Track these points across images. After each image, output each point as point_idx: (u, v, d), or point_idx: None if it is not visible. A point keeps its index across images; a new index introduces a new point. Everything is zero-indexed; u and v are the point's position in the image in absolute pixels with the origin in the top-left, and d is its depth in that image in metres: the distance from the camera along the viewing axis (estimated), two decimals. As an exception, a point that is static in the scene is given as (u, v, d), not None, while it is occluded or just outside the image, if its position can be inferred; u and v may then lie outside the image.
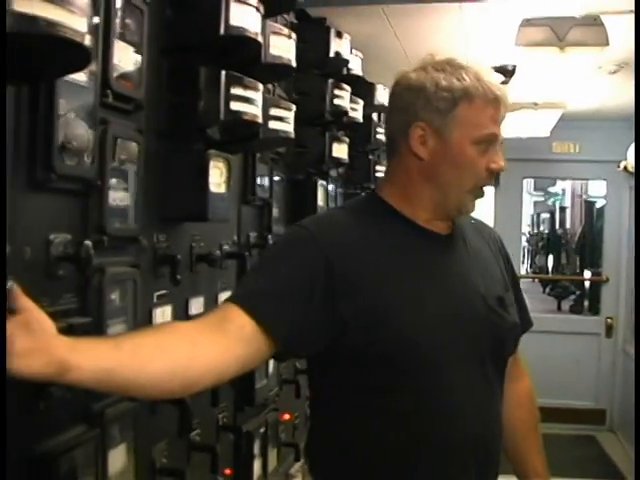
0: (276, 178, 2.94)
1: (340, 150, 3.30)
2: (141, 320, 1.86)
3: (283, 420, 3.15)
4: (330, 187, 3.57)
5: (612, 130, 6.82)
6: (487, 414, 1.76)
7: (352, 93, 3.32)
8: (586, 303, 9.63)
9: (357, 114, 3.48)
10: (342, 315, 1.61)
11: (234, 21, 1.91)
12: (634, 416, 2.12)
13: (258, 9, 2.00)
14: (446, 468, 1.71)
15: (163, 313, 2.03)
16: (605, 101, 5.99)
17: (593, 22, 3.17)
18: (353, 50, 3.40)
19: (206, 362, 1.48)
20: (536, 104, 5.29)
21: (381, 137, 4.30)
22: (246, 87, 1.99)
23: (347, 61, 3.26)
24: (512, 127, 5.35)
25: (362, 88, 3.79)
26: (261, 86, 2.07)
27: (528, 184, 13.37)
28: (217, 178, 2.05)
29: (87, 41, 1.15)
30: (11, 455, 1.39)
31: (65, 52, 1.15)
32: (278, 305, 1.58)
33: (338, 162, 3.33)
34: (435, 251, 1.76)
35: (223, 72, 1.93)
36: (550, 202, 20.13)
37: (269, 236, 2.81)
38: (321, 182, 3.31)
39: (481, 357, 1.73)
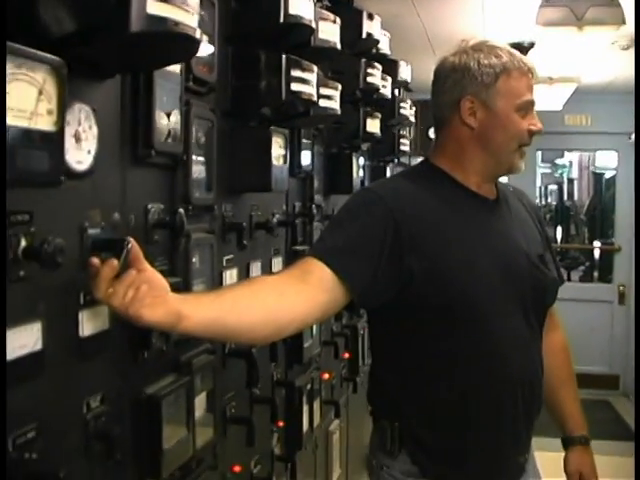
0: (316, 152, 3.14)
1: (373, 125, 3.50)
2: (216, 281, 2.07)
3: (323, 379, 3.36)
4: (361, 160, 3.78)
5: (623, 103, 6.95)
6: (532, 356, 1.99)
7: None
8: (595, 274, 9.77)
9: (386, 91, 3.66)
10: (409, 269, 1.82)
11: (292, 10, 2.10)
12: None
13: (313, -3, 2.20)
14: (499, 403, 1.93)
15: (231, 275, 2.23)
16: (617, 75, 6.14)
17: (610, 2, 3.34)
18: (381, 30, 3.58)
19: (293, 310, 1.70)
20: (551, 78, 5.45)
21: (404, 112, 4.49)
22: (304, 69, 2.19)
23: (378, 41, 3.44)
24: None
25: (387, 65, 3.97)
26: (316, 68, 2.27)
27: (537, 156, 13.50)
28: (277, 152, 2.26)
29: (198, 34, 1.35)
30: (126, 396, 1.61)
31: (181, 44, 1.35)
32: (354, 260, 1.80)
33: (371, 136, 3.52)
34: (484, 213, 1.98)
35: (284, 56, 2.13)
36: (557, 174, 20.18)
37: (312, 205, 3.03)
38: (354, 155, 3.53)
39: (525, 308, 1.96)
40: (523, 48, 5.00)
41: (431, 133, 7.43)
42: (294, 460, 2.80)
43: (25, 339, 1.24)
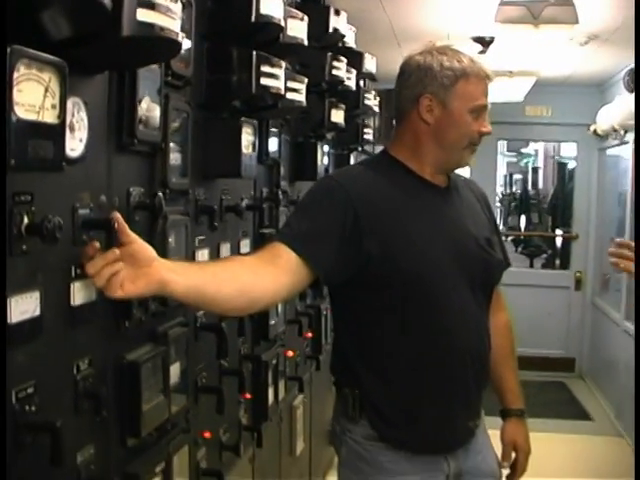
0: (283, 140, 3.32)
1: (337, 115, 3.68)
2: (188, 260, 2.24)
3: (287, 356, 3.55)
4: (326, 148, 3.97)
5: (582, 95, 7.21)
6: (479, 329, 2.20)
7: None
8: (557, 262, 10.02)
9: (351, 82, 3.85)
10: (367, 250, 2.02)
11: (263, 9, 2.28)
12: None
13: (281, -3, 2.37)
14: (450, 372, 2.14)
15: (202, 255, 2.41)
16: (576, 69, 6.36)
17: (565, 2, 3.55)
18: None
19: (264, 286, 1.90)
20: (511, 72, 5.66)
21: (369, 103, 4.68)
22: (273, 65, 2.36)
23: (344, 35, 3.62)
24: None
25: (352, 58, 4.15)
26: (284, 63, 2.45)
27: (502, 145, 13.71)
28: (247, 141, 2.43)
29: (180, 38, 1.53)
30: (110, 361, 1.79)
31: (165, 47, 1.52)
32: (317, 243, 2.00)
33: (335, 126, 3.70)
34: (437, 200, 2.18)
35: (254, 53, 2.30)
36: (523, 163, 20.39)
37: (279, 191, 3.21)
38: (320, 144, 3.72)
39: (473, 286, 2.16)
40: (484, 42, 5.22)
41: (394, 122, 7.65)
42: (260, 430, 2.98)
43: (26, 306, 1.41)
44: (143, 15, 1.40)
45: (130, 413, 1.85)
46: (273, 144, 3.11)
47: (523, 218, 15.90)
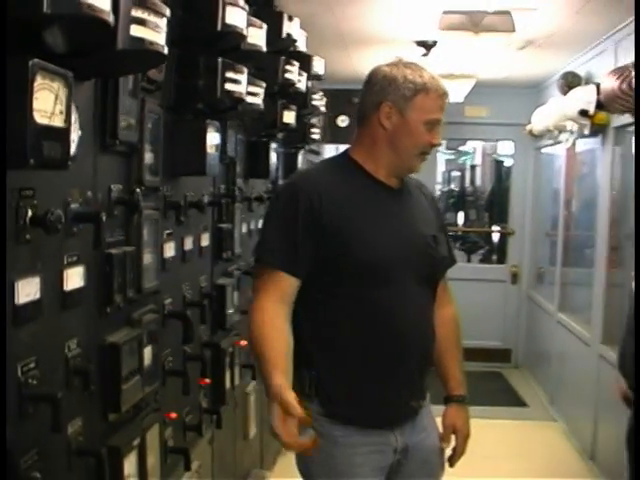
0: (238, 140, 3.51)
1: (289, 116, 3.88)
2: (158, 252, 2.42)
3: (240, 345, 3.72)
4: (276, 147, 4.16)
5: (519, 96, 7.51)
6: (423, 318, 2.41)
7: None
8: (494, 257, 10.32)
9: (302, 85, 4.04)
10: (327, 245, 2.25)
11: (229, 19, 2.46)
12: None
13: (244, 8, 2.55)
14: (395, 356, 2.34)
15: (169, 247, 2.58)
16: (513, 71, 6.65)
17: (503, 12, 3.80)
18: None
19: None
20: (453, 75, 5.90)
21: (316, 103, 4.89)
22: (236, 71, 2.55)
23: (296, 40, 3.81)
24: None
25: (302, 60, 4.34)
26: (245, 70, 2.63)
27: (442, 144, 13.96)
28: (211, 142, 2.61)
29: (166, 50, 1.71)
30: (94, 342, 1.96)
31: (153, 58, 1.70)
32: (297, 254, 2.25)
33: (287, 126, 3.90)
34: (389, 199, 2.39)
35: (220, 60, 2.48)
36: (461, 160, 20.68)
37: (235, 188, 3.40)
38: (272, 143, 3.91)
39: (419, 278, 2.38)
40: (427, 46, 5.46)
41: (339, 121, 7.86)
42: (219, 412, 3.16)
43: (29, 289, 1.58)
44: (136, 31, 1.58)
45: (112, 390, 2.03)
46: (230, 144, 3.29)
47: (461, 214, 16.22)
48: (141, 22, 1.59)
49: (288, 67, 3.70)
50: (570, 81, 5.85)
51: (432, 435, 2.50)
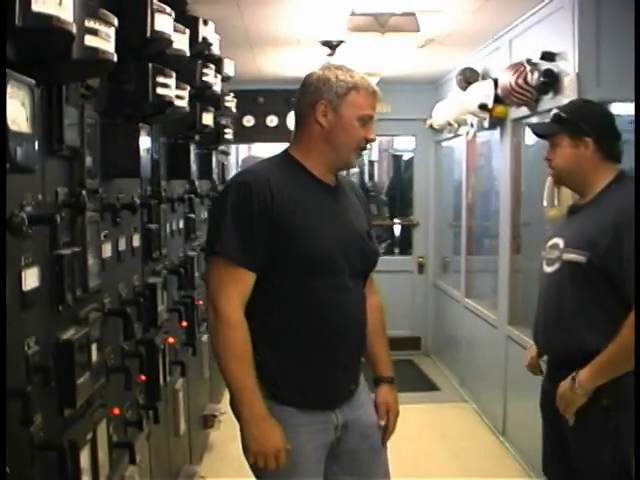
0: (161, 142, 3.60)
1: (207, 118, 3.98)
2: (97, 253, 2.49)
3: (169, 342, 3.80)
4: (194, 148, 4.25)
5: (419, 92, 7.76)
6: (357, 306, 2.60)
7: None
8: (397, 250, 10.58)
9: (217, 87, 4.15)
10: (274, 237, 2.40)
11: (157, 26, 2.55)
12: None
13: (170, 15, 2.65)
14: (332, 342, 2.53)
15: (106, 248, 2.65)
16: (414, 68, 6.88)
17: (408, 14, 3.99)
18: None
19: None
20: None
21: (228, 105, 5.01)
22: (166, 75, 2.64)
23: (211, 44, 3.91)
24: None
25: (215, 62, 4.45)
26: (174, 74, 2.73)
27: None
28: (143, 145, 2.70)
29: (115, 58, 1.80)
30: (49, 340, 2.04)
31: (104, 65, 1.79)
32: (255, 247, 2.40)
33: (206, 128, 4.00)
34: (328, 197, 2.56)
35: (150, 65, 2.57)
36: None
37: (160, 189, 3.48)
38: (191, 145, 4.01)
39: (353, 270, 2.56)
40: (332, 46, 5.62)
41: (245, 121, 7.98)
42: (156, 408, 3.24)
43: (-6, 291, 1.65)
44: (89, 40, 1.67)
45: (66, 386, 2.10)
46: (154, 146, 3.37)
47: (362, 210, 16.40)
48: (94, 32, 1.69)
49: (205, 70, 3.80)
50: (468, 76, 6.10)
51: (369, 411, 2.70)
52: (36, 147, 1.68)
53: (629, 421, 2.75)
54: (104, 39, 1.71)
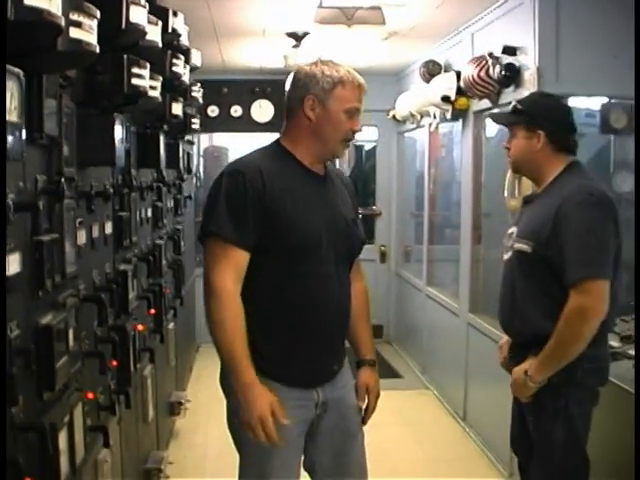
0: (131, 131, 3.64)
1: (177, 108, 4.04)
2: (73, 240, 2.54)
3: (138, 330, 3.85)
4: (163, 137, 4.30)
5: (383, 84, 7.80)
6: (342, 289, 2.72)
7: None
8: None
9: (186, 78, 4.20)
10: (265, 223, 2.53)
11: (132, 18, 2.60)
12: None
13: (145, 6, 2.70)
14: (318, 323, 2.66)
15: (80, 235, 2.70)
16: (377, 60, 6.96)
17: (373, 7, 4.07)
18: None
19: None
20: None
21: (195, 95, 5.06)
22: (140, 66, 2.69)
23: (181, 35, 3.96)
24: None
25: (183, 53, 4.49)
26: (148, 65, 2.78)
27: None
28: (119, 134, 2.75)
29: (98, 50, 1.86)
30: (30, 324, 2.09)
31: (86, 57, 1.85)
32: (248, 229, 2.51)
33: (176, 118, 4.05)
34: (315, 185, 2.68)
35: (125, 56, 2.62)
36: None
37: (131, 177, 3.53)
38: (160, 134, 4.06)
39: (339, 256, 2.68)
40: (298, 37, 5.68)
41: (209, 111, 8.01)
42: (128, 393, 3.29)
43: (-19, 275, 1.70)
44: (74, 33, 1.73)
45: (46, 369, 2.15)
46: (125, 135, 3.41)
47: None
48: (78, 25, 1.74)
49: (175, 61, 3.85)
50: (431, 69, 6.20)
51: (351, 393, 2.84)
52: (24, 136, 1.73)
53: (578, 398, 2.96)
54: (87, 31, 1.76)
